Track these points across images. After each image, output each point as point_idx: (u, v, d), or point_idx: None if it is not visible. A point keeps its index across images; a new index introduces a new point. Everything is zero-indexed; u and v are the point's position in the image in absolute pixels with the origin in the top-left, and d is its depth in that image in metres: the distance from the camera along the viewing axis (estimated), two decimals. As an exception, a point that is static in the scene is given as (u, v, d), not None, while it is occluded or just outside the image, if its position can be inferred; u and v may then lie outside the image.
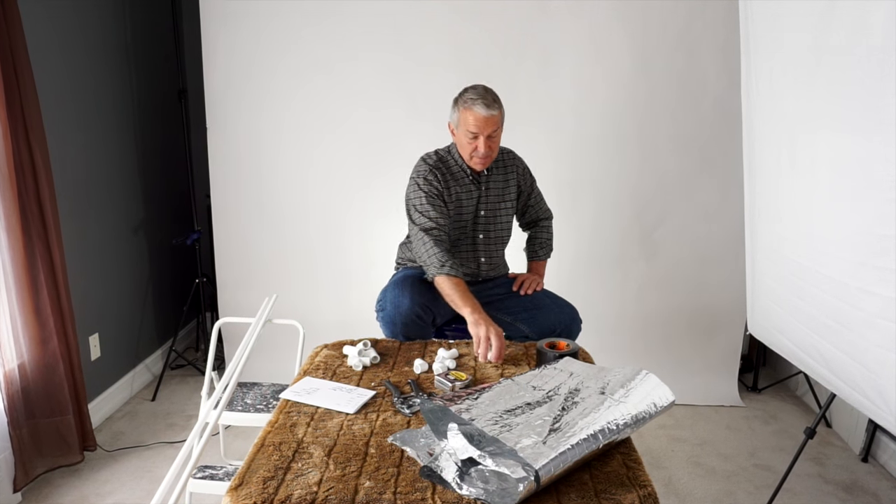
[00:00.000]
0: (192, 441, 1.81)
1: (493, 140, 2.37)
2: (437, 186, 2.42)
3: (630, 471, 1.46)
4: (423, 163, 2.47)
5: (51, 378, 2.65)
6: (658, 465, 2.91)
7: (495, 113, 2.33)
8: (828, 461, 2.95)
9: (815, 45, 1.94)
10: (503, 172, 2.57)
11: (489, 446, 1.37)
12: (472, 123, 2.33)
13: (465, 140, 2.38)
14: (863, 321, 1.82)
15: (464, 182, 2.48)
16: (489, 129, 2.33)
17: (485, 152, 2.36)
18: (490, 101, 2.32)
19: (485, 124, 2.32)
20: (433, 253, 2.34)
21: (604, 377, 1.73)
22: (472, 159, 2.41)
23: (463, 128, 2.37)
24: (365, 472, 1.44)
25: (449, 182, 2.46)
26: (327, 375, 1.96)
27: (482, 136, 2.34)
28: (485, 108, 2.31)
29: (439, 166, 2.46)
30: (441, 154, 2.51)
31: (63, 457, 2.73)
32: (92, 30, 3.14)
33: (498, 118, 2.35)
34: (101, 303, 3.23)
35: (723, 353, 3.58)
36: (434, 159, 2.48)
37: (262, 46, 3.38)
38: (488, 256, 2.58)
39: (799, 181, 2.13)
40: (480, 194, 2.51)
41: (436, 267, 2.32)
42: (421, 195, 2.41)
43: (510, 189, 2.58)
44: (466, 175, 2.49)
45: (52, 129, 2.72)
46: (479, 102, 2.31)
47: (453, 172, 2.48)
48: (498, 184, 2.55)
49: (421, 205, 2.40)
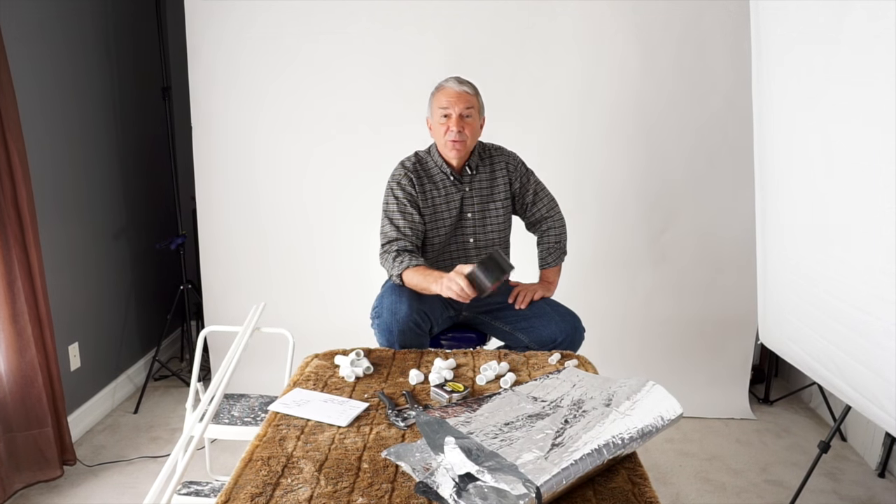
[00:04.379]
0: (176, 455, 1.81)
1: (467, 122, 2.39)
2: (412, 192, 2.45)
3: (636, 487, 1.46)
4: (401, 166, 2.50)
5: (28, 389, 2.65)
6: (665, 481, 2.91)
7: (468, 91, 2.39)
8: (843, 476, 2.95)
9: (829, 42, 1.95)
10: (489, 170, 2.55)
11: (488, 461, 1.37)
12: (444, 100, 2.38)
13: (439, 126, 2.42)
14: (880, 329, 1.83)
15: (443, 184, 2.49)
16: (460, 105, 2.37)
17: (457, 132, 2.37)
18: (463, 81, 2.41)
19: (456, 99, 2.37)
20: (392, 258, 2.38)
21: (609, 388, 1.73)
22: (446, 145, 2.42)
23: (436, 112, 2.41)
24: (358, 487, 1.44)
25: (426, 186, 2.47)
26: (318, 387, 1.96)
27: (454, 113, 2.37)
28: (456, 84, 2.40)
29: (416, 169, 2.48)
30: (420, 155, 2.54)
31: (41, 472, 2.72)
32: (70, 23, 3.14)
33: (472, 99, 2.40)
34: (81, 311, 3.23)
35: (733, 364, 3.58)
36: (412, 161, 2.51)
37: (249, 41, 3.38)
38: None
39: (813, 184, 2.14)
40: (464, 195, 2.51)
41: (397, 268, 2.35)
42: (393, 201, 2.45)
43: (498, 188, 2.56)
44: (447, 176, 2.49)
45: (29, 129, 2.72)
46: (451, 80, 2.42)
47: (431, 175, 2.49)
48: (484, 183, 2.54)
49: (391, 212, 2.45)
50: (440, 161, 2.48)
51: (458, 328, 2.64)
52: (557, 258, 2.68)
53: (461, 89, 2.39)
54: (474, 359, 2.17)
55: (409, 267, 2.33)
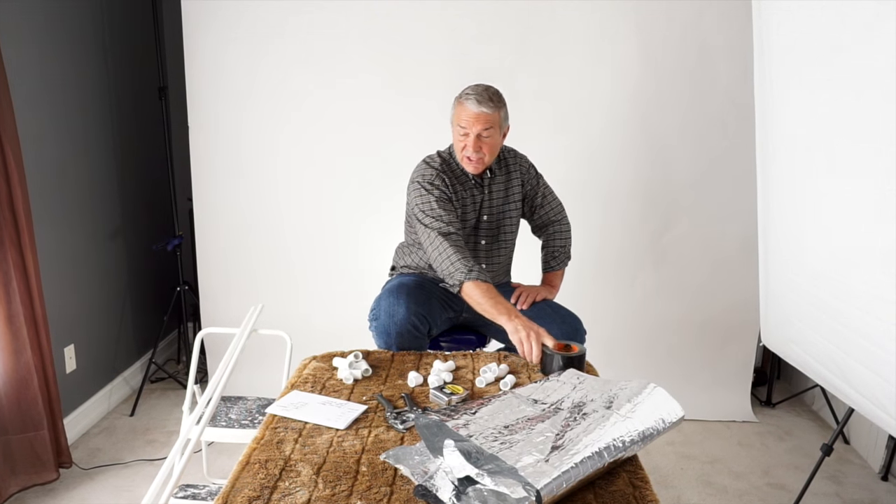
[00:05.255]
0: (173, 458, 1.81)
1: (486, 142, 2.36)
2: (446, 191, 2.42)
3: (636, 490, 1.46)
4: (428, 166, 2.45)
5: (24, 391, 2.65)
6: (666, 484, 2.91)
7: (487, 111, 2.31)
8: (846, 480, 2.95)
9: (832, 40, 1.95)
10: (506, 174, 2.56)
11: (488, 464, 1.37)
12: (462, 118, 2.35)
13: (457, 136, 2.40)
14: (883, 332, 1.83)
15: (467, 185, 2.49)
16: (478, 126, 2.33)
17: (473, 152, 2.35)
18: (484, 99, 2.32)
19: (474, 120, 2.32)
20: (456, 259, 2.28)
21: (609, 390, 1.73)
22: (463, 160, 2.42)
23: (456, 123, 2.39)
24: (356, 491, 1.44)
25: (455, 186, 2.46)
26: (316, 389, 1.96)
27: (471, 133, 2.34)
28: (475, 105, 2.31)
29: (444, 169, 2.45)
30: (444, 156, 2.51)
31: (37, 475, 2.72)
32: (66, 22, 3.15)
33: (491, 118, 2.33)
34: (76, 312, 3.23)
35: (735, 366, 3.58)
36: (438, 162, 2.46)
37: (247, 39, 3.38)
38: (490, 264, 2.58)
39: (815, 183, 2.14)
40: (483, 198, 2.51)
41: (463, 273, 2.26)
42: (430, 199, 2.38)
43: (514, 191, 2.57)
44: (469, 178, 2.49)
45: (25, 130, 2.72)
46: (472, 98, 2.32)
47: (457, 175, 2.48)
48: (500, 186, 2.55)
49: (431, 209, 2.37)
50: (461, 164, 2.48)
51: (458, 330, 2.64)
52: (562, 262, 2.70)
53: (479, 111, 2.31)
54: (474, 361, 2.17)
55: (479, 280, 2.25)
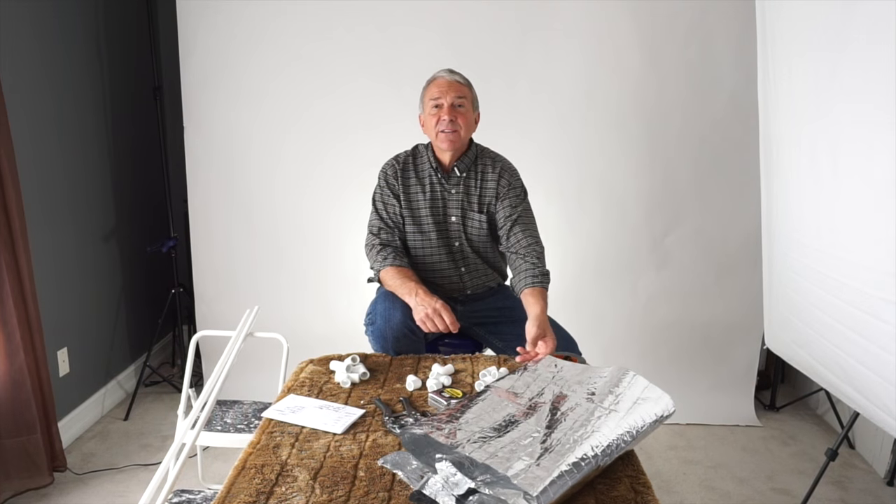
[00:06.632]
0: (167, 463, 1.81)
1: (460, 112, 2.38)
2: (393, 182, 2.49)
3: (638, 495, 1.46)
4: (392, 157, 2.54)
5: (17, 395, 2.65)
6: (669, 490, 2.91)
7: (459, 80, 2.41)
8: (851, 485, 2.95)
9: (836, 41, 1.96)
10: (479, 176, 2.48)
11: (482, 475, 1.37)
12: (435, 91, 2.39)
13: (430, 118, 2.41)
14: (888, 334, 1.83)
15: (429, 181, 2.48)
16: (451, 94, 2.37)
17: (449, 121, 2.35)
18: (455, 73, 2.43)
19: (447, 88, 2.38)
20: (377, 251, 2.44)
21: (589, 379, 1.75)
22: (438, 137, 2.40)
23: (428, 104, 2.41)
24: (354, 496, 1.44)
25: (410, 179, 2.49)
26: (313, 393, 1.96)
27: (444, 102, 2.36)
28: (448, 74, 2.42)
29: (406, 160, 2.52)
30: (418, 148, 2.55)
31: (31, 479, 2.72)
32: (60, 21, 3.15)
33: (463, 89, 2.40)
34: (70, 315, 3.23)
35: (738, 369, 3.58)
36: (406, 152, 2.55)
37: (243, 39, 3.38)
38: (468, 266, 2.54)
39: (820, 185, 2.14)
40: (447, 197, 2.48)
41: (378, 263, 2.42)
42: (378, 193, 2.52)
43: (484, 196, 2.48)
44: (434, 173, 2.48)
45: (17, 130, 2.72)
46: (443, 72, 2.44)
47: (419, 170, 2.50)
48: (471, 188, 2.48)
49: (376, 201, 2.52)
50: (432, 158, 2.48)
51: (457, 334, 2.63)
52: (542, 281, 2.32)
53: (452, 78, 2.40)
54: (473, 364, 2.17)
55: (392, 266, 2.38)
